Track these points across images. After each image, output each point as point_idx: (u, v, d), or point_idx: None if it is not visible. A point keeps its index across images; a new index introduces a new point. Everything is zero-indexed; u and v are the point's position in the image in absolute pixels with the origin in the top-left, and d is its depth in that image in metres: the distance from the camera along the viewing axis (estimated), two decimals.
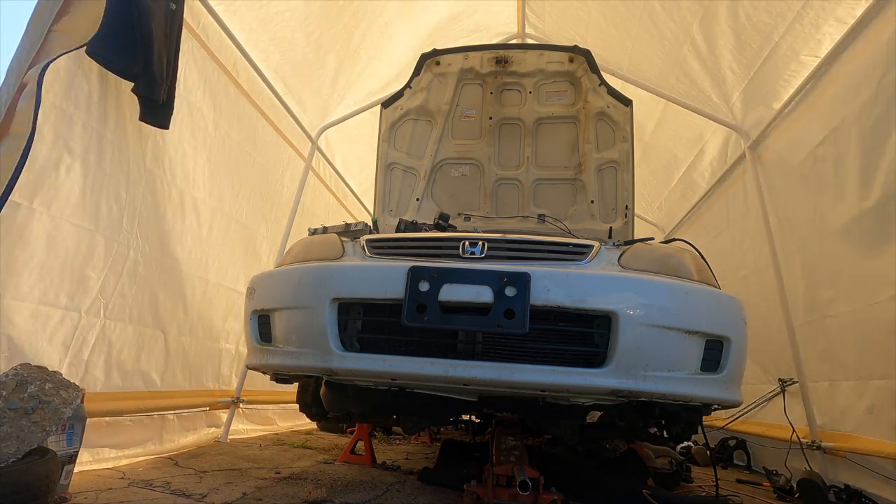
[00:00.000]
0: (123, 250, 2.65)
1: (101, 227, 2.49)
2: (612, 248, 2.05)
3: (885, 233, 2.54)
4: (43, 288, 2.23)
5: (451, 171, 3.62)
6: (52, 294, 2.27)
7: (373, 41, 4.23)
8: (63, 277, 2.31)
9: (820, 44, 3.02)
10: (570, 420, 2.21)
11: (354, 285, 1.89)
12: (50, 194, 2.21)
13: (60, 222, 2.27)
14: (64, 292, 2.33)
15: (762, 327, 3.60)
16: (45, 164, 2.17)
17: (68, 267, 2.33)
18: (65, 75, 2.23)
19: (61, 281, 2.31)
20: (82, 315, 2.43)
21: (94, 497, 2.00)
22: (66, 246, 2.32)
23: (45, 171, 2.17)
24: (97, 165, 2.44)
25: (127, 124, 2.63)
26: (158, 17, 2.55)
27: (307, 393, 2.60)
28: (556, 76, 3.45)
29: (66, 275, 2.33)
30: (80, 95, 2.32)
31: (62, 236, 2.29)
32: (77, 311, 2.40)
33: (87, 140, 2.37)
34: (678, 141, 4.97)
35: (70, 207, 2.31)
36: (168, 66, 2.66)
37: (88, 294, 2.46)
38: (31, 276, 2.17)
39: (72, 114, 2.28)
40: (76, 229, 2.36)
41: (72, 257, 2.35)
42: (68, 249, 2.33)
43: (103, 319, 2.55)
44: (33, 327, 2.20)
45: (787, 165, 3.47)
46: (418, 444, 4.53)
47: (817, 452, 3.01)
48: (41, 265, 2.20)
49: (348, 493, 2.38)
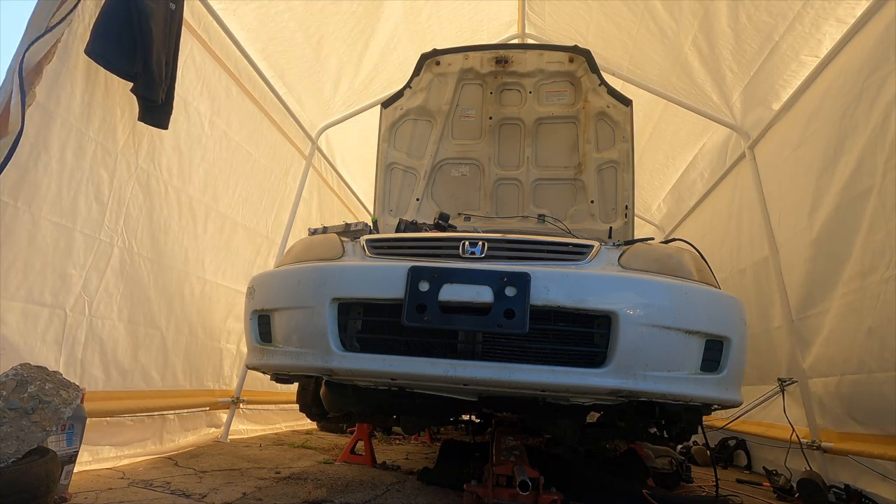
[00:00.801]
0: (106, 248, 2.64)
1: (78, 224, 2.47)
2: (612, 248, 2.05)
3: None
4: (28, 286, 2.24)
5: (451, 171, 3.61)
6: (37, 292, 2.28)
7: (373, 41, 4.23)
8: (45, 275, 2.32)
9: (820, 43, 3.03)
10: (570, 420, 2.21)
11: (354, 285, 1.89)
12: (30, 192, 2.21)
13: (39, 220, 2.27)
14: (48, 290, 2.34)
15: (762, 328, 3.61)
16: (27, 161, 2.17)
17: (49, 265, 2.33)
18: (51, 74, 2.22)
19: (44, 279, 2.31)
20: (67, 313, 2.43)
21: (94, 497, 2.00)
22: (46, 243, 2.32)
23: (26, 169, 2.18)
24: (75, 163, 2.42)
25: (117, 123, 2.62)
26: (158, 17, 2.55)
27: (307, 393, 2.60)
28: (556, 76, 3.45)
29: (47, 272, 2.33)
30: (63, 93, 2.31)
31: (41, 234, 2.29)
32: (62, 308, 2.41)
33: (65, 138, 2.36)
34: (678, 141, 4.97)
35: (48, 205, 2.30)
36: (167, 67, 2.65)
37: (71, 292, 2.46)
38: (18, 274, 2.18)
39: (52, 111, 2.27)
40: (54, 227, 2.35)
41: (51, 255, 2.35)
42: (48, 247, 2.33)
43: (89, 317, 2.55)
44: (25, 326, 2.21)
45: (788, 165, 3.47)
46: (418, 444, 4.54)
47: (817, 452, 3.01)
48: (24, 263, 2.21)
49: (348, 493, 2.38)
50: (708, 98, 4.06)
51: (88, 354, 2.53)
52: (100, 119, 2.52)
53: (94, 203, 2.55)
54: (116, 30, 2.40)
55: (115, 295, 2.71)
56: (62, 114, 2.32)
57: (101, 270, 2.61)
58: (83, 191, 2.48)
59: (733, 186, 4.39)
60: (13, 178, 2.09)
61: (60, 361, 2.36)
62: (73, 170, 2.42)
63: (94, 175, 2.54)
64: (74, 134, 2.40)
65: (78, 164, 2.44)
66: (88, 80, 2.43)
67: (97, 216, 2.57)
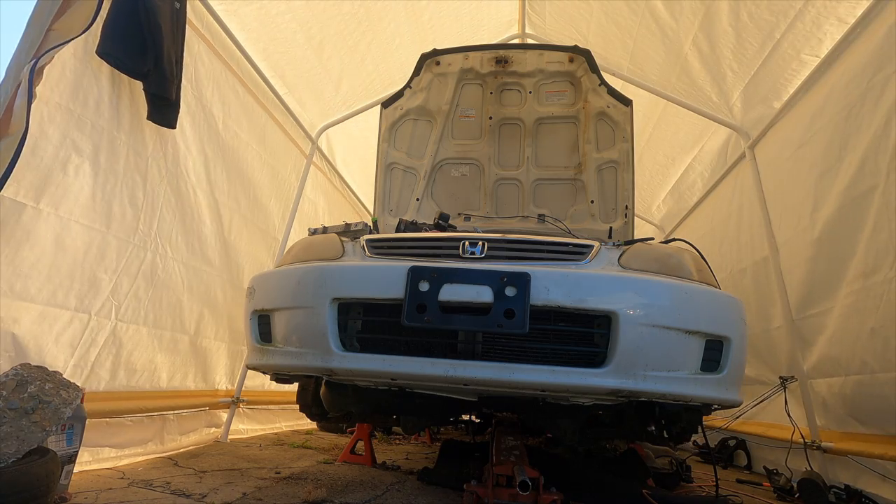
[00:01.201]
0: (139, 252, 2.65)
1: (113, 228, 2.48)
2: (612, 248, 2.05)
3: None
4: (52, 289, 2.22)
5: (451, 171, 3.61)
6: (60, 295, 2.27)
7: (373, 41, 4.23)
8: (73, 279, 2.31)
9: (821, 43, 3.02)
10: (570, 420, 2.21)
11: (354, 285, 1.89)
12: (58, 195, 2.20)
13: (69, 223, 2.26)
14: (74, 294, 2.32)
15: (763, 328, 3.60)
16: (52, 164, 2.17)
17: (78, 268, 2.33)
18: (70, 76, 2.22)
19: (71, 282, 2.30)
20: (92, 317, 2.43)
21: (94, 497, 2.00)
22: (76, 247, 2.31)
23: (51, 172, 2.17)
24: (109, 167, 2.43)
25: (145, 127, 2.63)
26: (165, 15, 2.54)
27: (307, 393, 2.60)
28: (556, 76, 3.45)
29: (75, 276, 2.32)
30: (89, 96, 2.31)
31: (71, 237, 2.28)
32: (87, 312, 2.40)
33: (98, 141, 2.36)
34: (678, 141, 4.97)
35: (80, 208, 2.30)
36: (176, 65, 2.65)
37: (99, 296, 2.45)
38: (40, 276, 2.17)
39: (79, 114, 2.27)
40: (86, 230, 2.35)
41: (81, 259, 2.34)
42: (77, 250, 2.32)
43: (115, 321, 2.55)
44: (40, 328, 2.20)
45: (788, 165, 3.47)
46: (418, 444, 4.53)
47: (817, 452, 3.01)
48: (49, 266, 2.20)
49: (348, 493, 2.38)
50: (708, 98, 4.05)
51: (102, 357, 2.52)
52: (129, 123, 2.52)
53: (128, 207, 2.56)
54: (126, 29, 2.40)
55: (144, 299, 2.72)
56: (91, 116, 2.32)
57: (132, 275, 2.61)
58: (117, 194, 2.48)
59: (733, 186, 4.39)
60: (32, 181, 2.09)
61: (70, 363, 2.35)
62: (108, 173, 2.43)
63: (129, 179, 2.54)
64: (106, 136, 2.40)
65: (111, 167, 2.45)
66: (114, 83, 2.44)
67: (131, 220, 2.58)
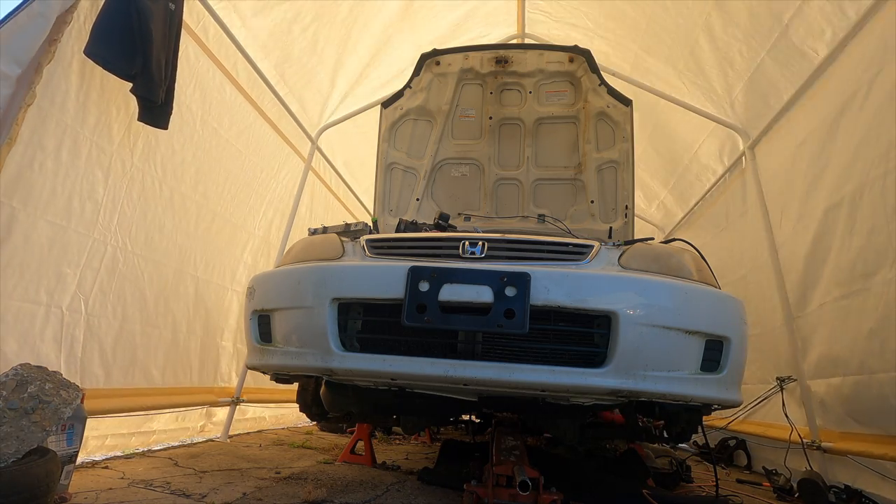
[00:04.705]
0: (100, 246, 2.65)
1: (72, 223, 2.48)
2: (612, 248, 2.05)
3: None
4: (24, 285, 2.25)
5: (451, 171, 3.61)
6: (32, 291, 2.29)
7: (373, 41, 4.23)
8: (41, 274, 2.33)
9: (821, 42, 3.02)
10: (570, 420, 2.21)
11: (354, 285, 1.89)
12: (25, 192, 2.22)
13: (35, 220, 2.28)
14: (43, 289, 2.35)
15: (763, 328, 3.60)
16: (21, 160, 2.18)
17: (44, 264, 2.35)
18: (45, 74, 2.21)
19: (39, 278, 2.32)
20: (64, 311, 2.45)
21: (94, 497, 2.00)
22: (41, 243, 2.33)
23: (21, 169, 2.18)
24: (70, 162, 2.43)
25: (112, 122, 2.62)
26: (157, 17, 2.54)
27: (307, 393, 2.60)
28: (556, 76, 3.45)
29: (43, 272, 2.34)
30: (57, 93, 2.31)
31: (37, 234, 2.30)
32: (59, 307, 2.42)
33: (60, 137, 2.36)
34: (678, 141, 4.97)
35: (43, 204, 2.31)
36: (167, 67, 2.65)
37: (67, 290, 2.47)
38: (14, 274, 2.19)
39: (47, 111, 2.27)
40: (49, 226, 2.35)
41: (47, 254, 2.36)
42: (43, 246, 2.34)
43: (86, 315, 2.56)
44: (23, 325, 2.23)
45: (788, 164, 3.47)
46: (418, 444, 4.53)
47: (817, 452, 3.01)
48: (21, 263, 2.22)
49: (348, 493, 2.38)
50: (708, 98, 4.05)
51: (88, 352, 2.54)
52: (95, 119, 2.52)
53: (87, 202, 2.55)
54: (116, 30, 2.40)
55: (109, 293, 2.72)
56: (56, 113, 2.32)
57: (94, 269, 2.62)
58: (77, 190, 2.48)
59: (733, 186, 4.39)
60: (7, 178, 2.10)
61: (61, 360, 2.36)
62: (69, 169, 2.42)
63: (89, 174, 2.54)
64: (69, 133, 2.40)
65: (73, 163, 2.44)
66: (83, 80, 2.43)
67: (91, 215, 2.58)
